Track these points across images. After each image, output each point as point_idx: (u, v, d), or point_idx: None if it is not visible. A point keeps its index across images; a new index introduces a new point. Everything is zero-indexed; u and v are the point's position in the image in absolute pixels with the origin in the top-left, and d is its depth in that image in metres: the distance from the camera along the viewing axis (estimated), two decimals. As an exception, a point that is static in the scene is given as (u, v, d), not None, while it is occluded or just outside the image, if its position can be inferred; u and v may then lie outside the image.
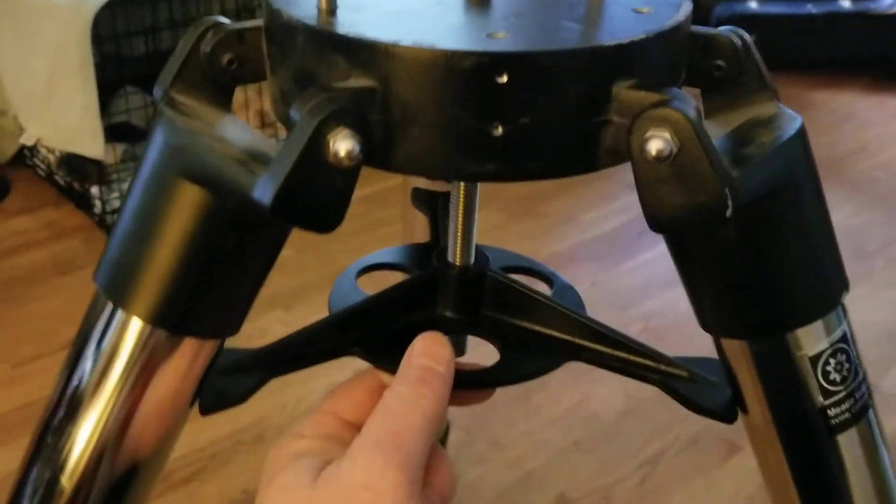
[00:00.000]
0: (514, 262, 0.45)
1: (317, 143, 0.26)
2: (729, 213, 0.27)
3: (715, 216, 0.27)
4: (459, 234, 0.38)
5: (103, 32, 1.44)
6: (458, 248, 0.39)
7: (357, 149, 0.26)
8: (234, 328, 0.31)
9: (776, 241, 0.31)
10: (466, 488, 1.03)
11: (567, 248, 1.54)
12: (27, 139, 1.52)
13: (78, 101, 1.37)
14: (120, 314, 0.30)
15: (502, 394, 1.23)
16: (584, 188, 1.76)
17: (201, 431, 1.08)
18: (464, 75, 0.26)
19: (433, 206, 0.48)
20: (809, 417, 0.33)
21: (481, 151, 0.27)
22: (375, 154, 0.27)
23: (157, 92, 0.32)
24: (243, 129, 0.32)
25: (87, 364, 0.31)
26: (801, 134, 0.32)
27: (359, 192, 0.28)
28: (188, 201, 0.28)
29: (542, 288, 0.44)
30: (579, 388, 1.19)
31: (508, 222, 1.61)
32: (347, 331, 0.38)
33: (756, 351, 0.33)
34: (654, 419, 1.14)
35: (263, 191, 0.27)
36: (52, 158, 1.55)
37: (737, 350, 0.34)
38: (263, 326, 1.28)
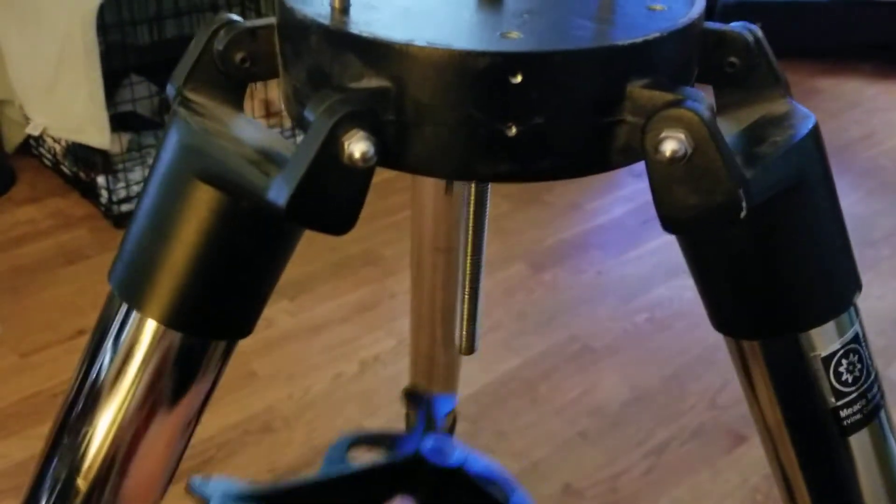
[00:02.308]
0: (489, 473, 0.48)
1: (332, 144, 0.26)
2: (743, 213, 0.27)
3: (729, 217, 0.27)
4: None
5: (109, 21, 1.44)
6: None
7: (372, 150, 0.26)
8: (248, 329, 0.32)
9: (789, 241, 0.31)
10: (472, 478, 1.03)
11: (572, 237, 1.54)
12: (33, 129, 1.52)
13: (83, 91, 1.37)
14: (135, 315, 0.30)
15: (507, 385, 1.23)
16: (590, 177, 1.75)
17: (209, 422, 1.08)
18: (478, 75, 0.26)
19: (421, 405, 0.51)
20: (821, 418, 0.33)
21: (495, 151, 0.28)
22: (388, 154, 0.27)
23: (171, 90, 0.32)
24: (257, 128, 0.32)
25: (102, 365, 0.31)
26: (815, 133, 0.31)
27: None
28: (203, 202, 0.28)
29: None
30: (584, 379, 1.19)
31: (514, 211, 1.61)
32: (322, 498, 0.41)
33: (768, 351, 0.33)
34: (659, 409, 1.14)
35: (278, 192, 0.27)
36: (57, 148, 1.55)
37: (749, 350, 0.34)
38: (269, 316, 1.28)
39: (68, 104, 1.41)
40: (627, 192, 1.70)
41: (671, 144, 0.26)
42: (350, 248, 1.46)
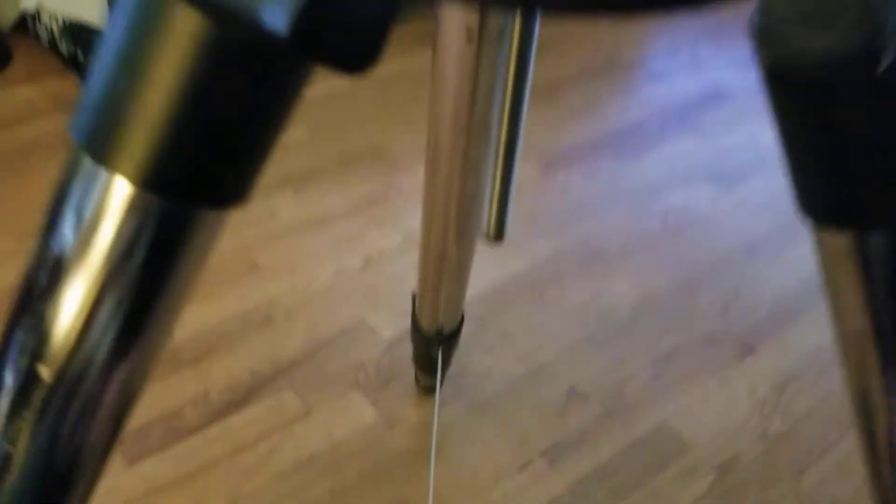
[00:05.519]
0: None
1: None
2: (881, 67, 0.21)
3: (863, 70, 0.21)
4: None
5: None
6: None
7: None
8: (241, 195, 0.26)
9: None
10: (476, 379, 1.01)
11: (585, 140, 1.48)
12: (28, 4, 1.44)
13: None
14: (102, 174, 0.24)
15: (515, 286, 1.19)
16: (606, 76, 1.68)
17: (209, 312, 1.06)
18: None
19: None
20: None
21: None
22: None
23: None
24: None
25: (65, 237, 0.26)
26: None
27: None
28: (182, 30, 0.22)
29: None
30: (593, 283, 1.16)
31: (526, 109, 1.55)
32: None
33: (864, 246, 0.27)
34: (668, 316, 1.12)
35: (277, 14, 0.20)
36: (55, 27, 1.48)
37: (839, 243, 0.28)
38: (273, 209, 1.24)
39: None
40: (644, 94, 1.64)
41: None
42: (358, 142, 1.40)
